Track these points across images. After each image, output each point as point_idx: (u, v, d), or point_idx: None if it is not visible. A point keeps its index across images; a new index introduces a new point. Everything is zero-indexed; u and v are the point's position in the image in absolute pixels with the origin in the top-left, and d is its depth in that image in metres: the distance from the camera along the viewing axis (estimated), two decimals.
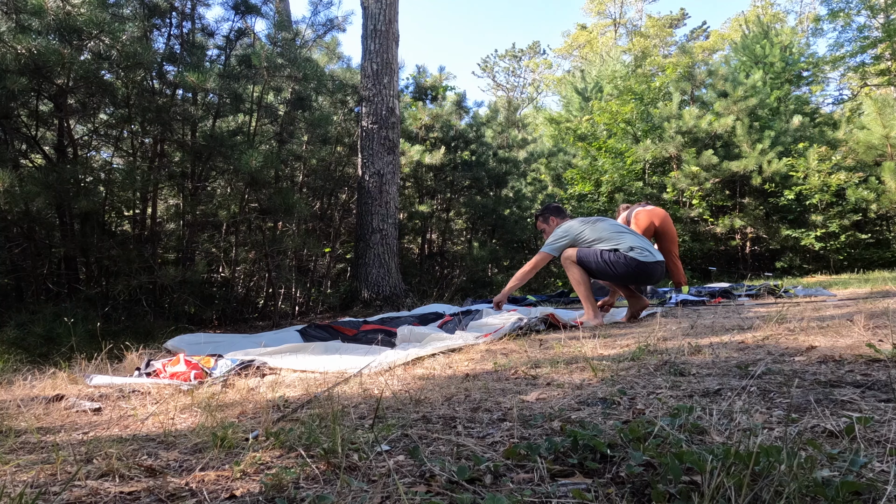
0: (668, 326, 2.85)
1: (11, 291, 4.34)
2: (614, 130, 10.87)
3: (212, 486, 0.97)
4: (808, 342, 2.00)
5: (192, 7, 4.99)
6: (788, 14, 27.12)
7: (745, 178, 9.46)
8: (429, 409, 1.43)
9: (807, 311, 2.97)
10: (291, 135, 5.83)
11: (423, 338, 2.81)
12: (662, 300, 4.85)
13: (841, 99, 17.79)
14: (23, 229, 4.14)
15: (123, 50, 3.97)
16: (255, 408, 1.59)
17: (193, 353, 2.48)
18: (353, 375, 2.03)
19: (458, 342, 2.61)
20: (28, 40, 3.47)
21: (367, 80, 6.09)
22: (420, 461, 1.00)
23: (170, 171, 4.86)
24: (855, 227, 9.04)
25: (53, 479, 1.02)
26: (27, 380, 2.26)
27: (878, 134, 9.17)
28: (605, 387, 1.55)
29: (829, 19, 15.78)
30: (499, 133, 8.99)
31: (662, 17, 31.27)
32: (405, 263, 7.37)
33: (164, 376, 2.16)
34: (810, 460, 0.83)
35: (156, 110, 4.43)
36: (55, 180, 3.69)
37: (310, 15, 5.92)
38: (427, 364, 2.24)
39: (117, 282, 4.17)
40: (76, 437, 1.38)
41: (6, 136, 4.08)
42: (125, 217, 5.21)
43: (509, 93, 32.84)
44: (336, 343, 2.85)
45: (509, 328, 2.85)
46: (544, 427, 1.20)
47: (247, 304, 5.98)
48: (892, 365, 1.53)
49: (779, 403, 1.26)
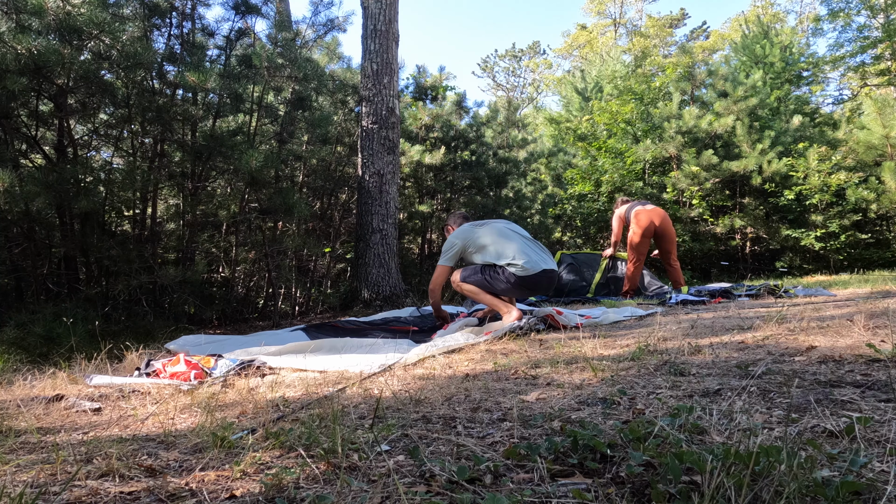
0: (668, 326, 2.84)
1: (11, 291, 4.34)
2: (614, 130, 10.87)
3: (212, 486, 0.97)
4: (808, 342, 2.00)
5: (192, 7, 4.99)
6: (788, 14, 27.13)
7: (745, 178, 9.46)
8: (429, 409, 1.43)
9: (807, 311, 2.97)
10: (291, 135, 5.83)
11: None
12: (662, 300, 4.84)
13: (841, 99, 17.79)
14: (23, 229, 4.14)
15: (123, 50, 3.97)
16: (255, 408, 1.59)
17: (194, 354, 2.48)
18: (355, 380, 2.03)
19: (461, 341, 2.61)
20: (28, 40, 3.47)
21: (367, 80, 6.09)
22: (420, 461, 1.00)
23: (170, 171, 4.86)
24: (855, 227, 9.03)
25: (53, 479, 1.02)
26: (27, 380, 2.26)
27: (878, 134, 9.16)
28: (605, 387, 1.55)
29: (829, 19, 15.78)
30: (499, 133, 8.98)
31: (662, 17, 31.26)
32: (405, 263, 7.36)
33: (164, 376, 2.16)
34: (810, 460, 0.83)
35: (156, 110, 4.43)
36: (55, 180, 3.69)
37: (310, 15, 5.93)
38: (427, 364, 2.24)
39: (117, 282, 4.17)
40: (76, 437, 1.38)
41: (6, 136, 4.08)
42: (125, 217, 5.21)
43: (509, 93, 32.84)
44: (338, 341, 2.85)
45: (508, 328, 2.85)
46: (544, 427, 1.20)
47: (247, 304, 5.98)
48: (892, 365, 1.53)
49: (779, 403, 1.26)
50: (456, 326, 3.15)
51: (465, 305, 4.65)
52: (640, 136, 10.38)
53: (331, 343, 2.81)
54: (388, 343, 2.80)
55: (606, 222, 10.23)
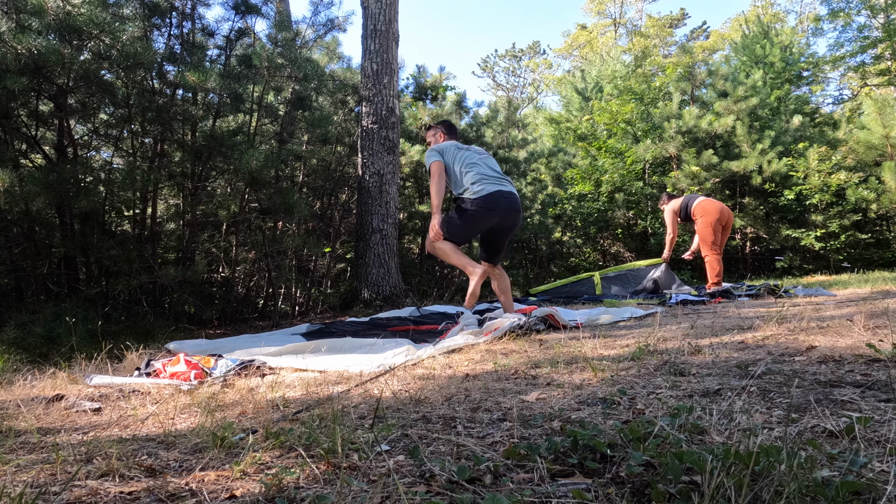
0: (668, 326, 2.84)
1: (11, 291, 4.34)
2: (614, 130, 10.86)
3: (212, 486, 0.97)
4: (808, 342, 2.00)
5: (192, 7, 4.99)
6: (788, 14, 27.12)
7: (745, 178, 9.46)
8: (429, 409, 1.43)
9: (807, 311, 2.97)
10: (291, 134, 5.83)
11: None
12: (662, 300, 4.85)
13: (841, 99, 17.78)
14: (23, 229, 4.14)
15: (123, 50, 3.96)
16: (255, 408, 1.59)
17: (194, 354, 2.48)
18: (355, 380, 2.03)
19: (460, 341, 2.61)
20: (28, 40, 3.47)
21: (367, 79, 6.09)
22: (420, 461, 1.00)
23: (170, 171, 4.86)
24: (855, 227, 9.03)
25: (53, 479, 1.02)
26: (27, 380, 2.26)
27: (878, 134, 9.16)
28: (605, 387, 1.55)
29: (829, 19, 15.77)
30: (499, 133, 8.98)
31: (662, 17, 31.26)
32: (405, 263, 7.36)
33: (164, 376, 2.16)
34: (810, 460, 0.83)
35: (156, 110, 4.43)
36: (55, 180, 3.69)
37: (310, 15, 5.93)
38: (427, 364, 2.24)
39: (117, 282, 4.17)
40: (76, 437, 1.38)
41: (6, 136, 4.08)
42: (125, 217, 5.21)
43: (509, 93, 32.84)
44: (337, 341, 2.85)
45: (508, 327, 2.85)
46: (544, 427, 1.20)
47: (247, 304, 5.98)
48: (892, 365, 1.53)
49: (779, 403, 1.26)
50: (457, 330, 3.16)
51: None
52: (640, 136, 10.38)
53: (330, 343, 2.81)
54: (389, 343, 2.80)
55: (607, 222, 10.22)
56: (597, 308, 4.32)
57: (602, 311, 3.79)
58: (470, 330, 2.93)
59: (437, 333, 3.20)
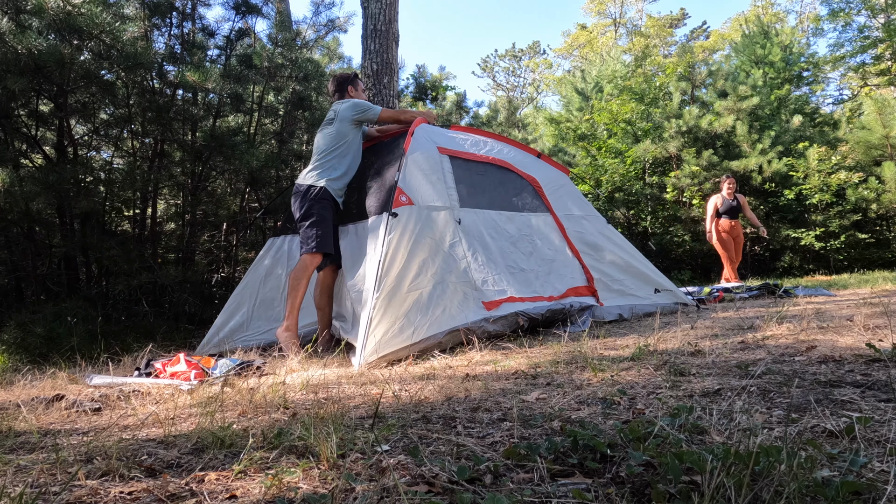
0: (669, 326, 2.84)
1: (11, 291, 4.34)
2: (614, 130, 10.85)
3: (212, 486, 0.97)
4: (808, 342, 2.00)
5: (192, 7, 4.99)
6: (788, 14, 27.10)
7: (746, 178, 9.46)
8: (429, 409, 1.43)
9: (807, 311, 2.96)
10: (292, 134, 5.83)
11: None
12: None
13: (841, 99, 17.77)
14: (23, 229, 4.14)
15: (124, 50, 3.96)
16: (255, 408, 1.59)
17: (194, 354, 2.48)
18: (356, 378, 2.03)
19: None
20: (28, 40, 3.47)
21: (367, 79, 6.08)
22: (420, 461, 1.00)
23: (170, 170, 4.86)
24: (855, 227, 9.03)
25: (53, 479, 1.02)
26: (28, 380, 2.26)
27: (878, 134, 9.15)
28: (605, 387, 1.55)
29: (829, 19, 15.76)
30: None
31: (662, 17, 31.24)
32: None
33: (164, 376, 2.16)
34: (810, 460, 0.83)
35: (156, 110, 4.43)
36: (55, 180, 3.69)
37: (311, 15, 5.93)
38: (427, 364, 2.24)
39: (117, 282, 4.17)
40: (76, 437, 1.38)
41: (6, 136, 4.08)
42: (125, 217, 5.21)
43: (509, 93, 32.82)
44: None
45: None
46: (544, 427, 1.20)
47: None
48: (892, 365, 1.53)
49: (779, 403, 1.26)
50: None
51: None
52: (640, 135, 10.37)
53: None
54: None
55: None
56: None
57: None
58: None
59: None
